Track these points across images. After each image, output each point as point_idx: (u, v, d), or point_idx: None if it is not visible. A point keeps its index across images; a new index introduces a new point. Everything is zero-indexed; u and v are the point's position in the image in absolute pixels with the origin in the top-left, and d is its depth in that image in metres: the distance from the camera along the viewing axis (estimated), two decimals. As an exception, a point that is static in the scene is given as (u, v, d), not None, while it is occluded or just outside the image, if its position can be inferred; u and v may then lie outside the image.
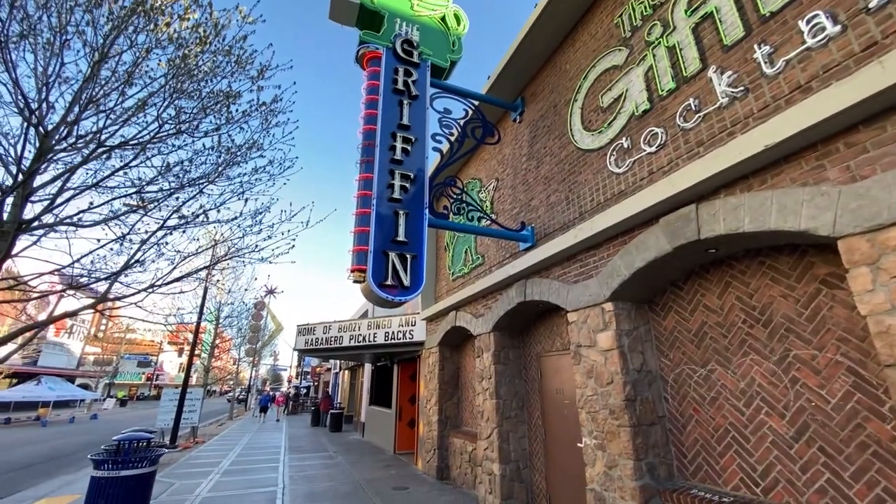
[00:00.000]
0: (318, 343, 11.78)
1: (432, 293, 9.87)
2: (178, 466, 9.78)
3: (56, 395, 23.60)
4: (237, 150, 5.50)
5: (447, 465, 8.13)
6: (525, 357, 6.54)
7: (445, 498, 6.69)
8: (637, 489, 3.58)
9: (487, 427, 6.27)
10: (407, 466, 9.47)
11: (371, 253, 4.70)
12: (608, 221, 4.07)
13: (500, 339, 6.52)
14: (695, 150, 3.57)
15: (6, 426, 21.52)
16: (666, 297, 4.15)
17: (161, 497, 6.90)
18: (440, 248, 9.90)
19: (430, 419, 8.72)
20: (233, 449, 12.61)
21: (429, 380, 9.19)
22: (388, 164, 5.13)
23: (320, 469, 9.30)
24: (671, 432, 3.90)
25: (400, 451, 11.38)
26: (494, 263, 6.91)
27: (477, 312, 7.20)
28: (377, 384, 14.76)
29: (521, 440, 6.13)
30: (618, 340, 4.00)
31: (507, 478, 5.83)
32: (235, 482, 8.04)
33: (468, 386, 8.36)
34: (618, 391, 3.90)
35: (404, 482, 7.83)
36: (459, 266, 8.48)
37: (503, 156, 7.14)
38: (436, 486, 7.47)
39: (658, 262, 3.71)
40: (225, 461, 10.42)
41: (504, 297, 6.20)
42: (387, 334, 10.62)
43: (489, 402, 6.32)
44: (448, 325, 8.30)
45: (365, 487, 7.48)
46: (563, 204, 5.27)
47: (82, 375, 42.80)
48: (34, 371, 31.61)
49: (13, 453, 12.75)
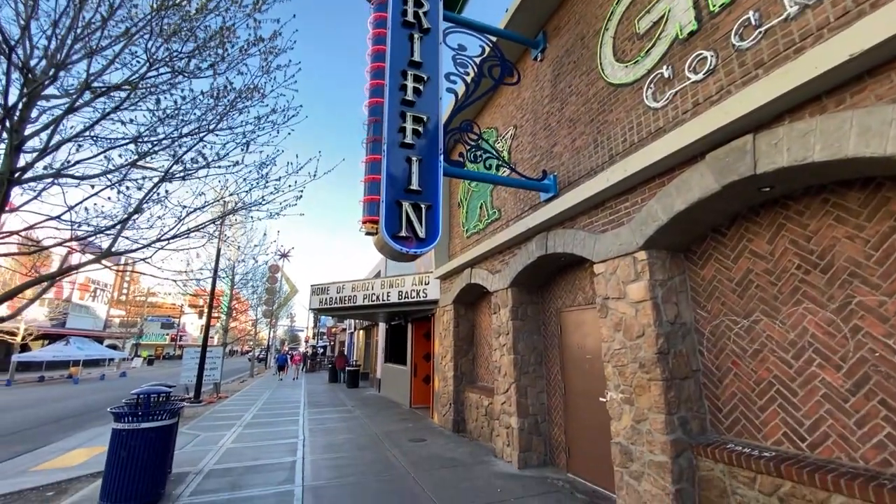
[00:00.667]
0: (331, 302, 11.79)
1: (446, 251, 9.63)
2: (203, 419, 10.13)
3: (85, 355, 24.67)
4: (237, 95, 5.12)
5: (463, 418, 8.21)
6: (544, 313, 6.33)
7: (462, 449, 6.75)
8: (668, 443, 3.41)
9: (505, 382, 6.18)
10: (423, 420, 9.64)
11: (383, 203, 4.40)
12: (644, 162, 3.67)
13: (517, 294, 6.30)
14: (752, 72, 3.09)
15: (41, 384, 22.71)
16: (705, 245, 3.80)
17: (186, 448, 7.12)
18: (453, 204, 9.54)
19: (446, 375, 8.74)
20: (254, 404, 13.04)
21: (444, 337, 9.14)
22: (399, 105, 4.71)
23: (339, 422, 9.53)
24: (705, 386, 3.69)
25: (416, 405, 11.62)
26: (512, 217, 6.57)
27: (493, 269, 6.95)
28: (392, 343, 14.94)
29: (539, 395, 6.04)
30: (651, 291, 3.71)
31: (524, 431, 5.80)
32: (257, 434, 8.26)
33: (483, 342, 8.28)
34: (649, 344, 3.66)
35: (421, 434, 7.95)
36: (474, 222, 8.15)
37: (522, 100, 6.60)
38: (452, 439, 7.57)
39: (701, 205, 3.34)
40: (247, 415, 10.76)
41: (523, 251, 5.91)
42: (400, 293, 10.53)
43: (506, 357, 6.19)
44: (463, 283, 8.11)
45: (383, 439, 7.61)
46: (590, 148, 4.83)
47: (109, 336, 44.67)
48: (63, 332, 33.00)
49: (47, 408, 13.40)
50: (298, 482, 5.23)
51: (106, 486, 4.31)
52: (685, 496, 3.37)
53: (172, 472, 5.55)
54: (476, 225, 8.03)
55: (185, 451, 6.89)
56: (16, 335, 23.07)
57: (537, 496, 4.66)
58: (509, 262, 6.35)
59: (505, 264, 6.51)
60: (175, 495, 4.77)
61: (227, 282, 16.86)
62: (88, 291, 42.93)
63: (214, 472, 5.72)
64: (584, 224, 4.70)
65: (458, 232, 9.05)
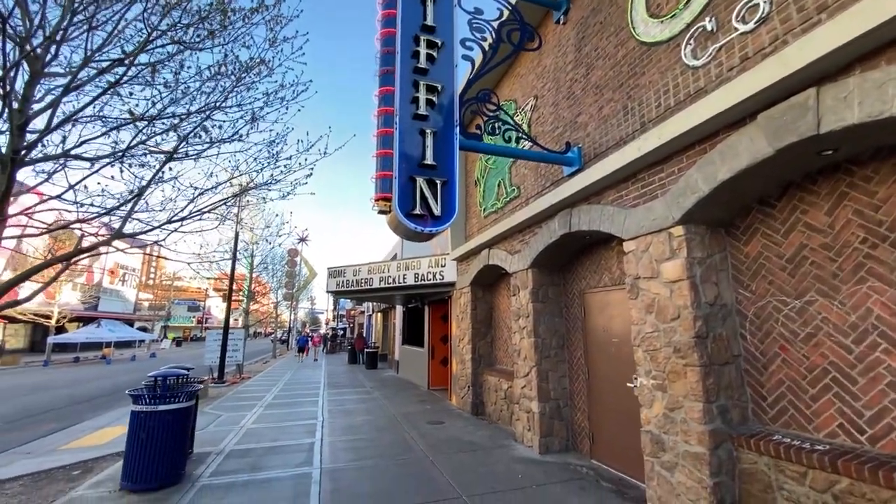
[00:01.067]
0: (348, 285, 11.75)
1: (462, 232, 9.37)
2: (226, 400, 10.34)
3: (115, 337, 25.67)
4: (244, 68, 4.89)
5: (481, 401, 8.10)
6: (566, 294, 6.05)
7: (481, 433, 6.64)
8: (706, 433, 3.15)
9: (525, 366, 5.98)
10: (441, 402, 9.59)
11: (396, 179, 4.16)
12: (682, 126, 3.30)
13: (538, 276, 6.02)
14: (814, 17, 2.68)
15: (76, 364, 23.80)
16: (751, 218, 3.44)
17: (209, 428, 7.23)
18: (469, 183, 9.22)
19: (464, 357, 8.61)
20: (275, 384, 13.28)
21: (461, 319, 8.98)
22: (412, 74, 4.41)
23: (358, 403, 9.56)
24: (747, 373, 3.39)
25: (434, 387, 11.60)
26: (532, 194, 6.24)
27: (512, 249, 6.67)
28: (409, 325, 14.92)
29: (560, 379, 5.82)
30: (688, 270, 3.39)
31: (546, 416, 5.61)
32: (278, 415, 8.35)
33: (502, 325, 8.07)
34: (686, 327, 3.36)
35: (439, 416, 7.88)
36: (492, 201, 7.84)
37: (543, 68, 6.18)
38: (471, 421, 7.47)
39: (750, 173, 2.98)
40: (268, 395, 10.94)
41: (544, 230, 5.60)
42: (416, 275, 10.37)
43: (527, 340, 5.97)
44: (480, 264, 7.86)
45: (401, 421, 7.57)
46: (619, 115, 4.44)
47: (139, 319, 46.47)
48: (94, 315, 34.42)
49: (81, 388, 13.96)
50: (316, 464, 5.20)
51: (127, 468, 4.34)
52: (724, 490, 3.13)
53: (194, 453, 5.60)
54: (494, 204, 7.72)
55: (207, 431, 6.99)
56: (50, 318, 24.09)
57: (560, 483, 4.49)
58: (529, 241, 6.06)
59: (525, 244, 6.22)
60: (195, 476, 4.79)
61: (247, 265, 17.05)
62: (118, 276, 44.53)
63: (234, 452, 5.76)
64: (613, 199, 4.36)
65: (476, 212, 8.76)
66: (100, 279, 40.51)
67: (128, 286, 46.54)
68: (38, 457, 5.77)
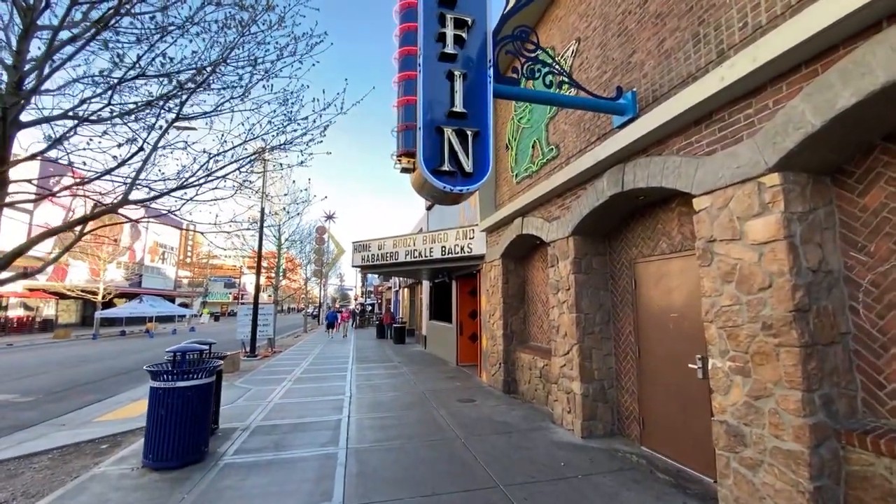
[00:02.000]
0: (373, 259, 11.43)
1: (492, 201, 8.76)
2: (256, 373, 10.39)
3: (156, 311, 26.86)
4: (251, 16, 4.37)
5: (514, 379, 7.67)
6: (612, 265, 5.42)
7: (516, 413, 6.23)
8: (806, 428, 2.55)
9: (565, 343, 5.45)
10: (470, 378, 9.26)
11: (421, 130, 3.60)
12: (788, 42, 2.55)
13: (581, 244, 5.39)
14: None
15: (122, 337, 25.11)
16: (872, 160, 2.69)
17: (238, 402, 7.16)
18: (500, 147, 8.52)
19: (495, 334, 8.16)
20: (305, 359, 13.36)
21: (491, 294, 8.48)
22: (437, 6, 3.76)
23: (385, 379, 9.37)
24: (858, 355, 2.73)
25: (462, 363, 11.29)
26: (574, 153, 5.54)
27: (550, 216, 6.04)
28: (436, 300, 14.60)
29: (605, 358, 5.27)
30: (785, 228, 2.71)
31: (589, 398, 5.10)
32: (306, 389, 8.24)
33: (536, 300, 7.52)
34: (780, 299, 2.72)
35: (470, 394, 7.54)
36: (525, 165, 7.16)
37: (587, 5, 5.34)
38: (503, 400, 7.07)
39: (888, 93, 2.24)
40: (297, 369, 10.94)
41: (589, 192, 4.94)
42: (443, 248, 9.89)
43: (567, 316, 5.42)
44: (513, 234, 7.27)
45: (430, 398, 7.27)
46: (686, 47, 3.67)
47: (178, 295, 48.74)
48: (138, 291, 36.22)
49: (124, 360, 14.55)
50: (342, 444, 4.93)
51: (148, 445, 4.18)
52: (826, 495, 2.55)
53: (220, 428, 5.47)
54: (528, 168, 7.04)
55: (236, 405, 6.91)
56: (97, 294, 25.37)
57: (609, 473, 4.01)
58: (571, 206, 5.42)
59: (565, 209, 5.58)
60: (219, 454, 4.61)
61: (275, 241, 17.09)
62: (158, 254, 46.56)
63: (261, 429, 5.59)
64: (679, 147, 3.65)
65: (507, 178, 8.11)
66: (141, 257, 42.47)
67: (167, 264, 48.67)
68: (72, 429, 5.80)
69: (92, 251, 25.62)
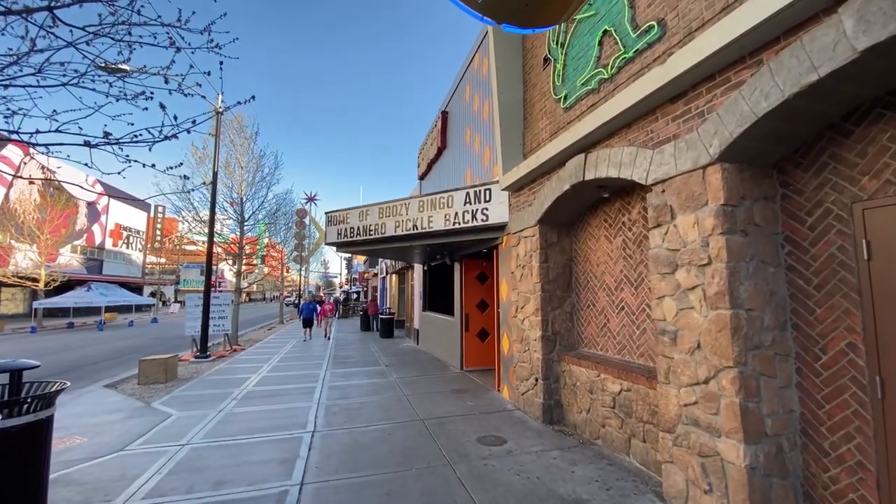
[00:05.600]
0: (353, 234, 8.74)
1: (518, 145, 6.17)
2: (196, 385, 7.72)
3: (107, 301, 23.61)
4: None
5: (559, 402, 5.21)
6: (795, 216, 2.90)
7: (584, 471, 3.77)
8: None
9: (698, 364, 2.95)
10: (485, 393, 6.78)
11: None
12: None
13: (737, 178, 2.86)
14: None
15: (69, 330, 21.92)
16: None
17: (132, 446, 4.54)
18: (533, 68, 5.91)
19: (525, 335, 5.66)
20: (270, 360, 10.70)
21: (519, 279, 5.95)
22: None
23: (368, 394, 6.81)
24: None
25: (469, 367, 8.81)
26: (710, 17, 2.98)
27: (655, 137, 3.48)
28: (431, 287, 12.04)
29: (783, 394, 2.80)
30: None
31: (758, 472, 2.64)
32: (251, 416, 5.64)
33: (594, 285, 5.02)
34: None
35: (494, 426, 5.05)
36: (586, 74, 4.57)
37: None
38: (550, 439, 4.61)
39: None
40: (254, 377, 8.31)
41: (761, 79, 2.40)
42: (447, 217, 7.26)
43: (704, 313, 2.92)
44: (562, 186, 4.72)
45: (436, 435, 4.76)
46: None
47: (147, 283, 45.08)
48: (98, 279, 32.70)
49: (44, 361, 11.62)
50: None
51: None
52: None
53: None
54: (592, 78, 4.45)
55: (123, 455, 4.29)
56: (38, 281, 22.05)
57: None
58: (709, 115, 2.87)
59: (699, 119, 3.02)
60: None
61: (233, 214, 14.19)
62: (122, 238, 42.71)
63: (131, 524, 2.99)
64: None
65: (546, 108, 5.51)
66: (102, 241, 38.65)
67: (133, 249, 44.84)
68: None
69: (30, 231, 22.19)
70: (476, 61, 8.33)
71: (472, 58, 8.52)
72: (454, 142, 10.05)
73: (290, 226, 26.11)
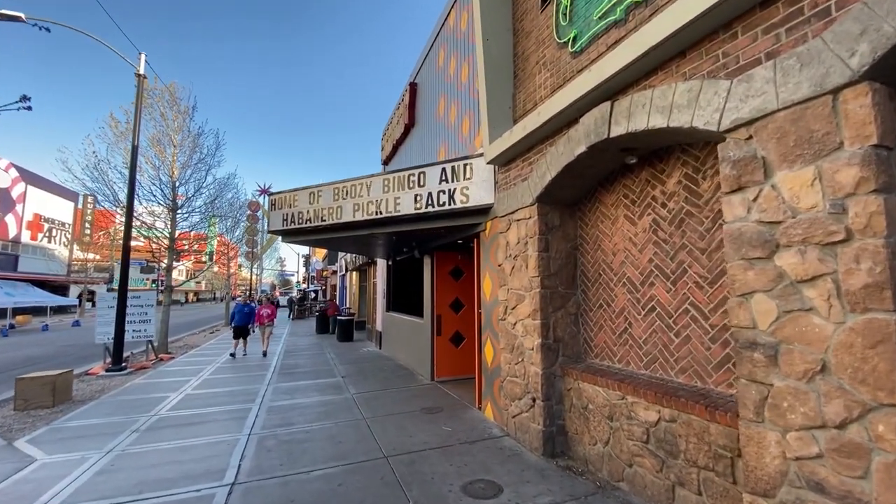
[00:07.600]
0: (301, 220, 7.26)
1: (507, 106, 5.03)
2: (89, 411, 5.97)
3: (14, 302, 20.30)
4: None
5: (562, 428, 4.11)
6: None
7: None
8: None
9: (831, 398, 1.90)
10: (464, 411, 5.59)
11: None
12: None
13: (890, 108, 1.83)
14: None
15: (-39, 336, 18.53)
16: None
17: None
18: (524, 13, 4.80)
19: (518, 342, 4.53)
20: (201, 371, 8.95)
21: (509, 272, 4.81)
22: None
23: (317, 418, 5.43)
24: None
25: (441, 377, 7.59)
26: None
27: (734, 61, 2.41)
28: (397, 285, 10.71)
29: (961, 443, 1.78)
30: None
31: (943, 576, 1.60)
32: (149, 459, 4.12)
33: (606, 279, 3.96)
34: None
35: (482, 465, 3.87)
36: (604, 4, 3.48)
37: None
38: (558, 481, 3.49)
39: None
40: (174, 395, 6.65)
41: None
42: (418, 199, 5.99)
43: (844, 321, 1.87)
44: (574, 150, 3.61)
45: (404, 484, 3.50)
46: None
47: (74, 281, 40.25)
48: (11, 276, 28.46)
49: None
50: None
51: None
52: None
53: None
54: (613, 7, 3.36)
55: None
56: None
57: None
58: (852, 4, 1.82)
59: (823, 20, 1.97)
60: None
61: (164, 198, 12.13)
62: (42, 231, 37.76)
63: None
64: None
65: (546, 59, 4.39)
66: (17, 234, 33.83)
67: (57, 243, 39.87)
68: None
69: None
70: (452, 18, 7.11)
71: (448, 15, 7.29)
72: (425, 116, 8.78)
73: (239, 219, 23.61)
